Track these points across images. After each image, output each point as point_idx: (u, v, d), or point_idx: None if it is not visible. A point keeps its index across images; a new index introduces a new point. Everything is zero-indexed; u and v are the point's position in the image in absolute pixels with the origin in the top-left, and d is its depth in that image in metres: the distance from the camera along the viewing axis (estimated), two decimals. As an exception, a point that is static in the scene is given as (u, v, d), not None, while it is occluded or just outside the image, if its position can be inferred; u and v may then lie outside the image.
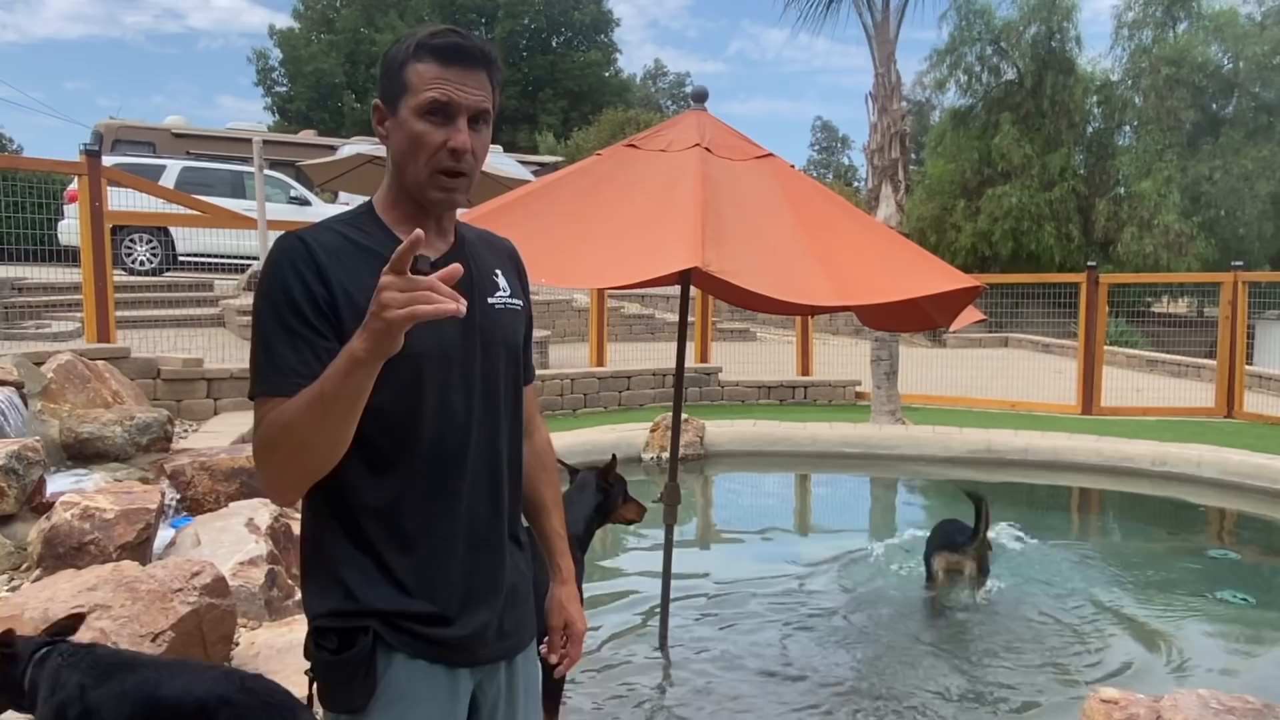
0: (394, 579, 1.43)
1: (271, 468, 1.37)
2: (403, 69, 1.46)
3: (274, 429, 1.33)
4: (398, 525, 1.44)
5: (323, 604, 1.44)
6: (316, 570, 1.47)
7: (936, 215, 23.77)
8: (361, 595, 1.42)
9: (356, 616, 1.42)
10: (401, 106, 1.46)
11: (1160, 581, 5.03)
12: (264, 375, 1.38)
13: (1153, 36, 22.66)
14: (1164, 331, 15.81)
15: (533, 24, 43.54)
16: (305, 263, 1.40)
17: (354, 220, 1.50)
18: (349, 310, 1.39)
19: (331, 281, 1.40)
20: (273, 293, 1.40)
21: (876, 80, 8.96)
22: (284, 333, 1.38)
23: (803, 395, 10.89)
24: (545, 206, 3.31)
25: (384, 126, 1.50)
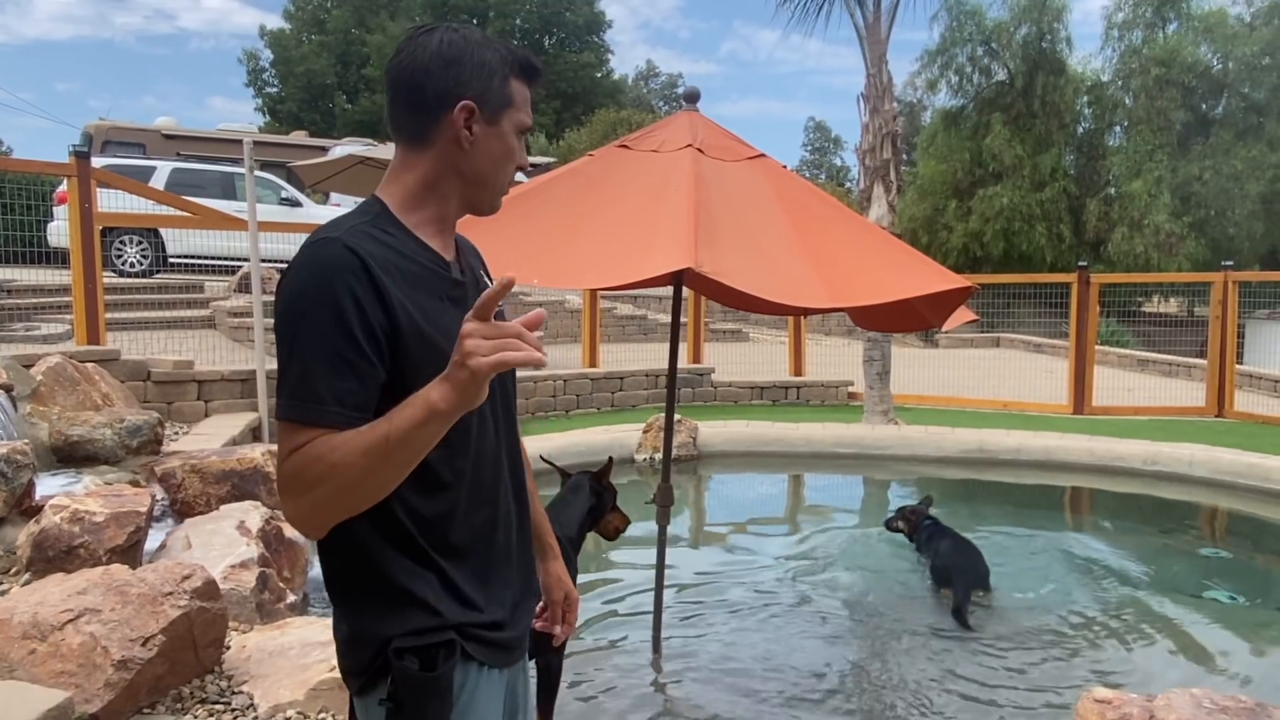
0: (458, 591, 1.41)
1: (307, 504, 1.26)
2: (506, 82, 1.44)
3: (319, 466, 1.22)
4: (449, 538, 1.40)
5: (399, 624, 1.36)
6: (376, 590, 1.37)
7: (928, 216, 23.84)
8: (443, 609, 1.38)
9: (438, 631, 1.38)
10: (504, 119, 1.43)
11: (1153, 581, 5.04)
12: (302, 403, 1.26)
13: (1143, 37, 22.77)
14: (1155, 331, 15.87)
15: (525, 24, 43.52)
16: (360, 280, 1.28)
17: (377, 223, 1.38)
18: (413, 335, 1.32)
19: (393, 303, 1.30)
20: (319, 311, 1.27)
21: (868, 81, 8.97)
22: (331, 358, 1.26)
23: (795, 396, 10.89)
24: (537, 207, 3.30)
25: (472, 130, 1.41)
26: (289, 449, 1.25)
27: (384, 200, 1.43)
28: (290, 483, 1.25)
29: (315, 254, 1.30)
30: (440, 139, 1.41)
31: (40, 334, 8.31)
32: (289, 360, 1.28)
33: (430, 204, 1.43)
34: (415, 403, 1.20)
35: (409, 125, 1.42)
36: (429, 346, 1.32)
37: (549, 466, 3.39)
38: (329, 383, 1.25)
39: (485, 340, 1.16)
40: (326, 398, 1.25)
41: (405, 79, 1.41)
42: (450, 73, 1.39)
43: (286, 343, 1.29)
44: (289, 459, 1.25)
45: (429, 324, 1.34)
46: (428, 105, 1.40)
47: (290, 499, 1.27)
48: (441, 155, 1.42)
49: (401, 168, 1.44)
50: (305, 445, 1.24)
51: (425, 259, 1.40)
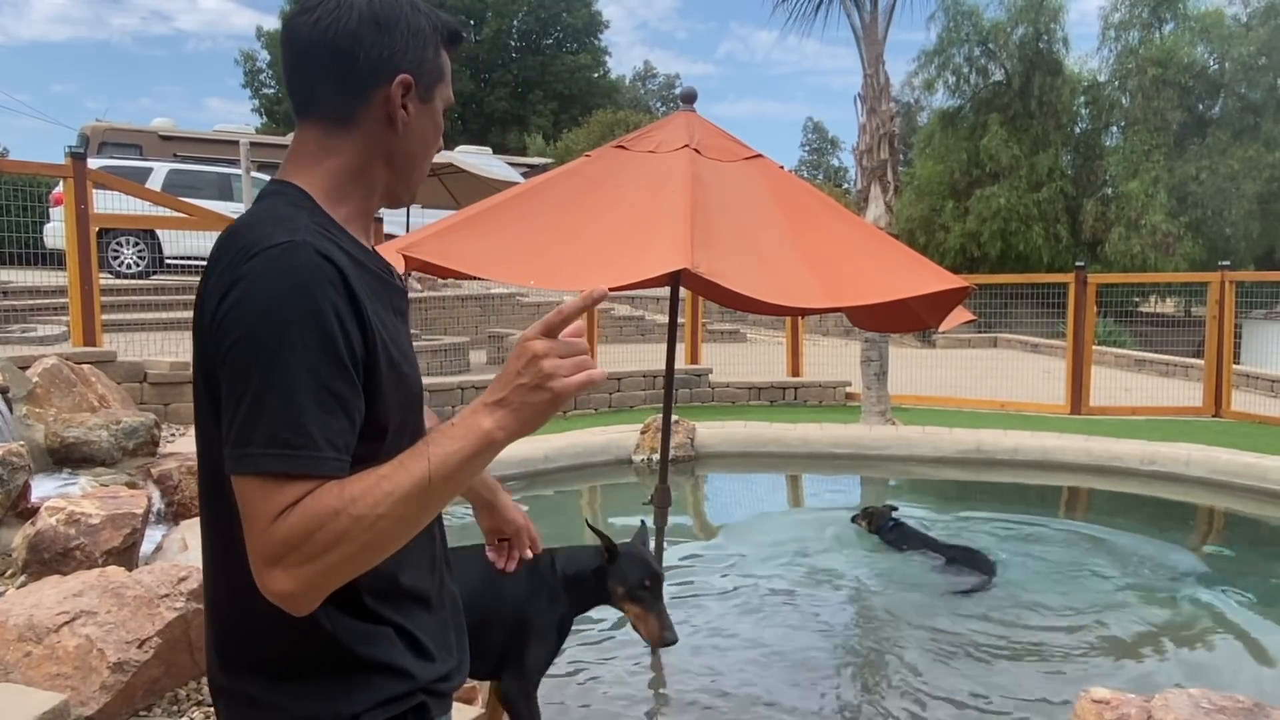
0: (418, 644, 1.22)
1: (315, 572, 1.01)
2: (438, 52, 1.24)
3: (337, 523, 1.00)
4: (400, 585, 1.21)
5: (364, 697, 1.16)
6: (332, 663, 1.15)
7: (925, 216, 23.87)
8: (412, 669, 1.20)
9: (408, 697, 1.19)
10: (437, 95, 1.25)
11: (1149, 580, 5.04)
12: (291, 450, 1.01)
13: (1139, 37, 22.82)
14: (1152, 331, 15.90)
15: (523, 25, 43.51)
16: (341, 295, 1.07)
17: (316, 220, 1.15)
18: (385, 359, 1.12)
19: (369, 323, 1.10)
20: (304, 332, 1.03)
21: (865, 81, 8.98)
22: (320, 390, 1.03)
23: (793, 396, 10.90)
24: (533, 208, 3.30)
25: (407, 108, 1.20)
26: (277, 508, 1.00)
27: (307, 190, 1.19)
28: (291, 550, 1.00)
29: (287, 261, 1.05)
30: (368, 118, 1.19)
31: (37, 335, 8.30)
32: (263, 393, 1.02)
33: (356, 196, 1.22)
34: (458, 434, 1.05)
35: (330, 101, 1.19)
36: (394, 371, 1.15)
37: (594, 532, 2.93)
38: (321, 422, 1.03)
39: (563, 359, 1.04)
40: (319, 441, 1.02)
41: (328, 45, 1.16)
42: (385, 41, 1.17)
43: (258, 371, 1.02)
44: (282, 521, 1.00)
45: (394, 345, 1.16)
46: (357, 79, 1.18)
47: (288, 570, 1.00)
48: (368, 137, 1.20)
49: (319, 152, 1.20)
50: (301, 501, 1.01)
51: (374, 265, 1.21)
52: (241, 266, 1.06)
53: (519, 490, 6.68)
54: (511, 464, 6.91)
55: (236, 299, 1.04)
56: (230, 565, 1.12)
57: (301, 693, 1.15)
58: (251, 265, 1.05)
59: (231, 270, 1.06)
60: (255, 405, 1.02)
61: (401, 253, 3.16)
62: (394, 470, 1.03)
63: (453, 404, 8.95)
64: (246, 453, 1.02)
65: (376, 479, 1.03)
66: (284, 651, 1.15)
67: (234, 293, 1.05)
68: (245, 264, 1.05)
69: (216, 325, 1.06)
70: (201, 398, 1.14)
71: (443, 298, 14.53)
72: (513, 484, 6.75)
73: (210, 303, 1.08)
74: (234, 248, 1.09)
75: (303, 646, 1.14)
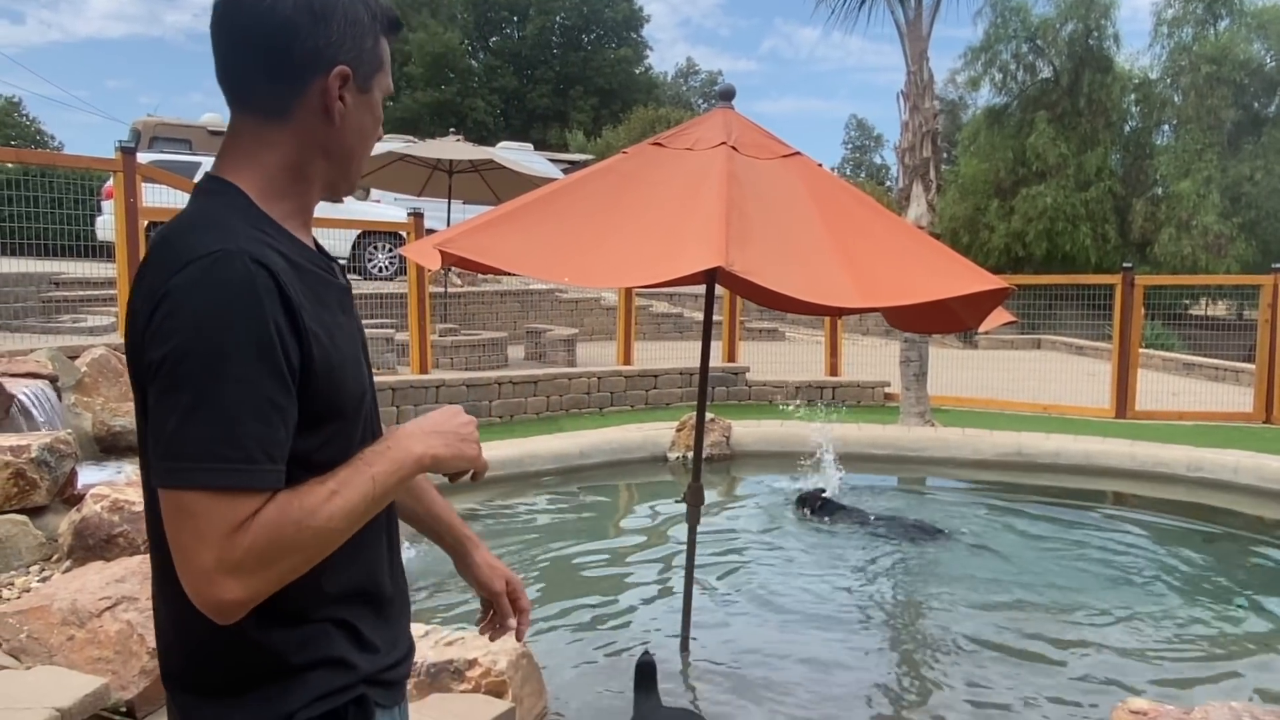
0: (360, 636, 1.22)
1: (267, 580, 1.04)
2: (378, 41, 1.21)
3: (295, 535, 1.04)
4: (347, 576, 1.20)
5: (302, 693, 1.15)
6: (269, 663, 1.15)
7: (969, 215, 23.56)
8: (353, 660, 1.20)
9: (348, 690, 1.19)
10: (375, 84, 1.22)
11: (1194, 589, 4.93)
12: (232, 465, 1.01)
13: (1193, 34, 22.30)
14: (1202, 334, 15.56)
15: (565, 20, 43.64)
16: (276, 301, 1.06)
17: (251, 221, 1.13)
18: (323, 364, 1.11)
19: (305, 331, 1.09)
20: (240, 344, 1.02)
21: (908, 78, 8.88)
22: (258, 403, 1.03)
23: (831, 396, 10.82)
24: (569, 205, 3.30)
25: (344, 100, 1.17)
26: (232, 521, 1.01)
27: (242, 188, 1.15)
28: (254, 560, 1.02)
29: (221, 272, 1.03)
30: (304, 110, 1.16)
31: (86, 326, 8.47)
32: (197, 406, 1.01)
33: (295, 192, 1.20)
34: (395, 457, 1.13)
35: (264, 93, 1.15)
36: (332, 373, 1.13)
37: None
38: (258, 435, 1.03)
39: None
40: (256, 454, 1.02)
41: (261, 34, 1.12)
42: (321, 30, 1.13)
43: (192, 384, 1.01)
44: (243, 533, 1.01)
45: (335, 349, 1.14)
46: (292, 70, 1.14)
47: (244, 578, 1.02)
48: (305, 130, 1.17)
49: (254, 145, 1.17)
50: (261, 513, 1.03)
51: (314, 264, 1.19)
52: (173, 278, 1.04)
53: (553, 486, 6.71)
54: (547, 459, 6.94)
55: (168, 311, 1.03)
56: (167, 587, 1.13)
57: (239, 704, 1.15)
58: (183, 276, 1.03)
59: (163, 281, 1.04)
60: (188, 419, 1.01)
61: (438, 248, 3.18)
62: (341, 486, 1.09)
63: (490, 399, 9.00)
64: (178, 466, 1.02)
65: (328, 493, 1.07)
66: (223, 668, 1.14)
67: (165, 304, 1.03)
68: (176, 275, 1.04)
69: (148, 339, 1.05)
70: (141, 418, 1.13)
71: (482, 293, 14.62)
72: (548, 480, 6.78)
73: (142, 315, 1.06)
74: (165, 257, 1.07)
75: (240, 661, 1.14)
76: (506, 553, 5.17)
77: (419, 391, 8.57)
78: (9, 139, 31.58)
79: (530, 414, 9.23)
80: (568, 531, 5.69)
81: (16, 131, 34.15)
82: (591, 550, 5.35)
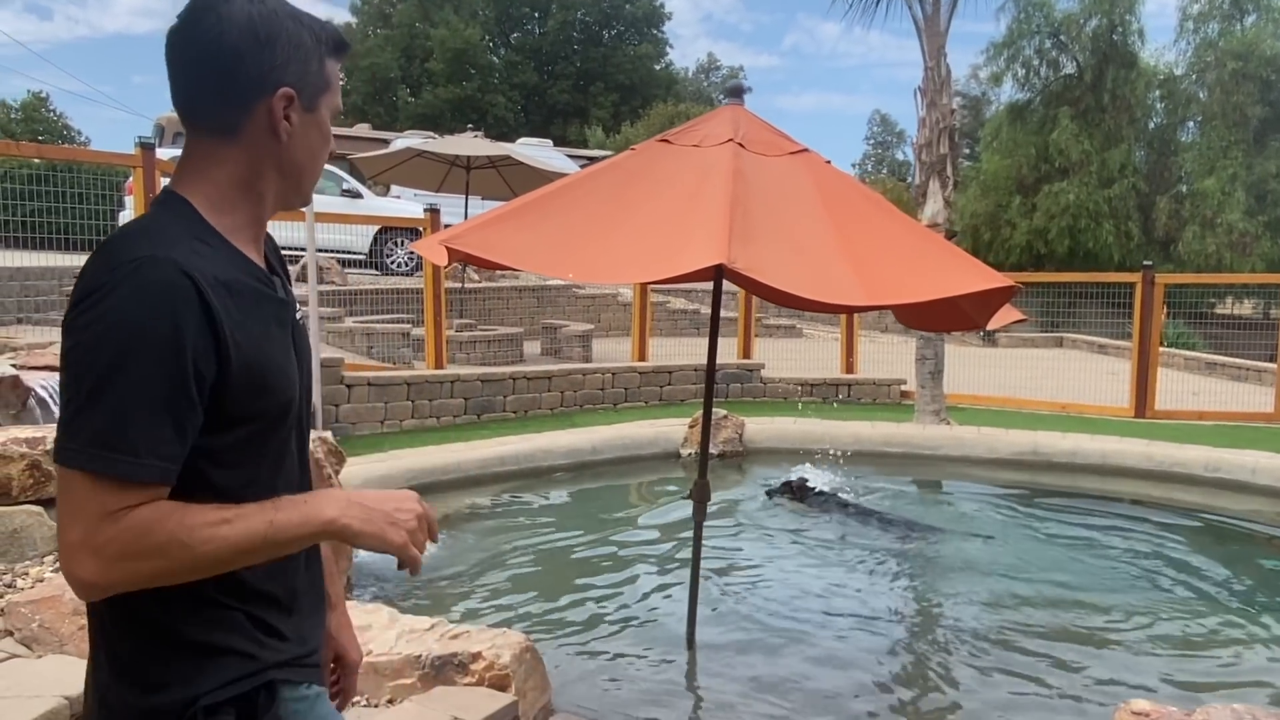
0: (269, 627, 1.27)
1: (128, 574, 1.09)
2: (322, 63, 1.27)
3: (170, 545, 1.09)
4: (260, 572, 1.24)
5: (209, 679, 1.20)
6: (175, 649, 1.19)
7: (991, 212, 23.41)
8: (257, 652, 1.24)
9: (256, 675, 1.24)
10: (322, 104, 1.28)
11: (1203, 590, 4.89)
12: (113, 453, 1.07)
13: (1219, 29, 22.05)
14: (1226, 334, 15.38)
15: (586, 16, 43.67)
16: (194, 312, 1.12)
17: (194, 232, 1.19)
18: (241, 373, 1.17)
19: (224, 339, 1.15)
20: (146, 347, 1.08)
21: (926, 74, 8.82)
22: (153, 403, 1.09)
23: (847, 393, 10.78)
24: (574, 201, 3.31)
25: (290, 120, 1.24)
26: (108, 507, 1.07)
27: (190, 201, 1.22)
28: (116, 547, 1.07)
29: (144, 276, 1.10)
30: (252, 129, 1.23)
31: (108, 320, 8.57)
32: (95, 396, 1.08)
33: (244, 206, 1.26)
34: (306, 512, 1.16)
35: (213, 113, 1.22)
36: (256, 381, 1.19)
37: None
38: (146, 432, 1.09)
39: (420, 536, 1.21)
40: (140, 449, 1.09)
41: (209, 58, 1.20)
42: (266, 55, 1.21)
43: (93, 375, 1.08)
44: (112, 522, 1.07)
45: (257, 357, 1.20)
46: (239, 92, 1.21)
47: (103, 563, 1.07)
48: (254, 148, 1.24)
49: (205, 161, 1.24)
50: (142, 508, 1.09)
51: (252, 277, 1.24)
52: (102, 277, 1.11)
53: (564, 482, 6.73)
54: (559, 454, 6.97)
55: (88, 305, 1.10)
56: None
57: (140, 680, 1.19)
58: (110, 277, 1.11)
59: (93, 279, 1.12)
60: (86, 406, 1.09)
61: (444, 244, 3.20)
62: (237, 518, 1.12)
63: (504, 394, 9.04)
64: (68, 447, 1.09)
65: (220, 519, 1.12)
66: (131, 645, 1.19)
67: (87, 300, 1.11)
68: (105, 275, 1.11)
69: (66, 328, 1.12)
70: None
71: (499, 289, 14.68)
72: (560, 475, 6.81)
73: (69, 308, 1.13)
74: (97, 261, 1.14)
75: (151, 636, 1.19)
76: (514, 547, 5.20)
77: (434, 386, 8.61)
78: (36, 134, 31.96)
79: (544, 409, 9.26)
80: (576, 526, 5.71)
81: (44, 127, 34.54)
82: (599, 545, 5.37)
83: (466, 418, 8.72)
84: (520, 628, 3.55)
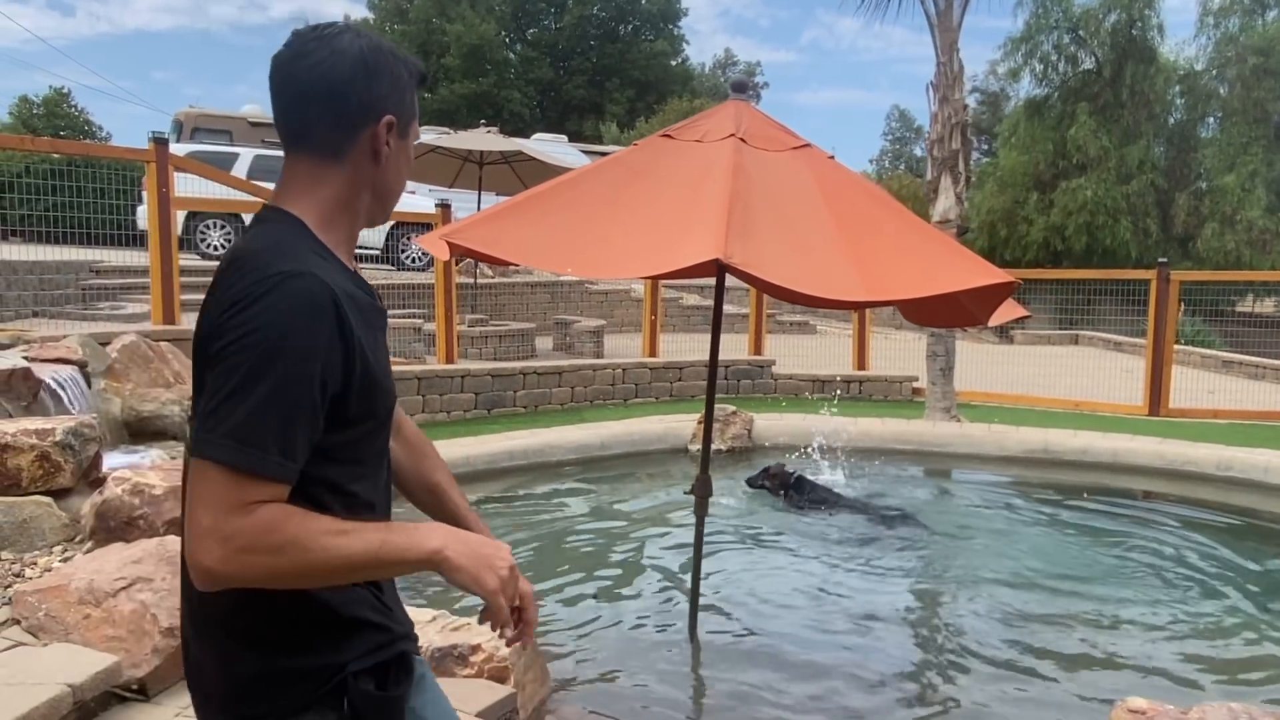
0: (387, 608, 1.40)
1: (245, 568, 1.17)
2: (414, 95, 1.40)
3: (291, 547, 1.17)
4: None
5: (350, 650, 1.31)
6: (318, 623, 1.30)
7: (1008, 208, 23.27)
8: (390, 624, 1.38)
9: (390, 646, 1.36)
10: (410, 131, 1.40)
11: (1206, 590, 4.85)
12: (246, 446, 1.16)
13: (1240, 25, 21.83)
14: (1245, 332, 15.23)
15: (601, 12, 43.62)
16: (333, 325, 1.22)
17: (312, 248, 1.30)
18: (363, 379, 1.28)
19: (354, 349, 1.26)
20: (292, 354, 1.18)
21: (938, 69, 8.77)
22: (290, 407, 1.18)
23: (859, 390, 10.76)
24: (576, 197, 3.32)
25: (389, 144, 1.35)
26: (241, 500, 1.15)
27: (302, 218, 1.32)
28: (242, 541, 1.15)
29: (293, 288, 1.20)
30: (356, 153, 1.34)
31: (125, 313, 8.66)
32: (236, 395, 1.16)
33: (344, 223, 1.37)
34: (415, 539, 1.25)
35: (324, 137, 1.33)
36: (372, 385, 1.30)
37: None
38: (279, 432, 1.17)
39: (513, 582, 1.32)
40: (272, 446, 1.17)
41: (323, 87, 1.30)
42: (374, 85, 1.32)
43: (237, 376, 1.16)
44: (246, 513, 1.15)
45: (376, 366, 1.31)
46: (350, 119, 1.32)
47: (228, 553, 1.15)
48: (356, 170, 1.35)
49: (311, 182, 1.34)
50: (268, 506, 1.17)
51: (360, 289, 1.35)
52: (250, 288, 1.19)
53: (574, 476, 6.75)
54: (568, 449, 6.99)
55: (237, 312, 1.19)
56: None
57: (286, 656, 1.29)
58: (257, 287, 1.19)
59: (239, 291, 1.20)
60: (226, 401, 1.17)
61: (445, 239, 3.22)
62: (354, 531, 1.21)
63: (514, 389, 9.07)
64: (208, 439, 1.17)
65: (338, 529, 1.20)
66: (275, 617, 1.28)
67: (237, 307, 1.19)
68: (252, 286, 1.20)
69: (215, 332, 1.20)
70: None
71: (512, 284, 14.72)
72: (568, 470, 6.83)
73: (213, 316, 1.22)
74: (243, 272, 1.22)
75: (296, 612, 1.28)
76: (519, 540, 5.22)
77: (444, 380, 8.65)
78: (58, 130, 32.23)
79: (555, 404, 9.29)
80: (581, 520, 5.73)
81: (66, 122, 34.81)
82: (602, 539, 5.39)
83: (476, 412, 8.76)
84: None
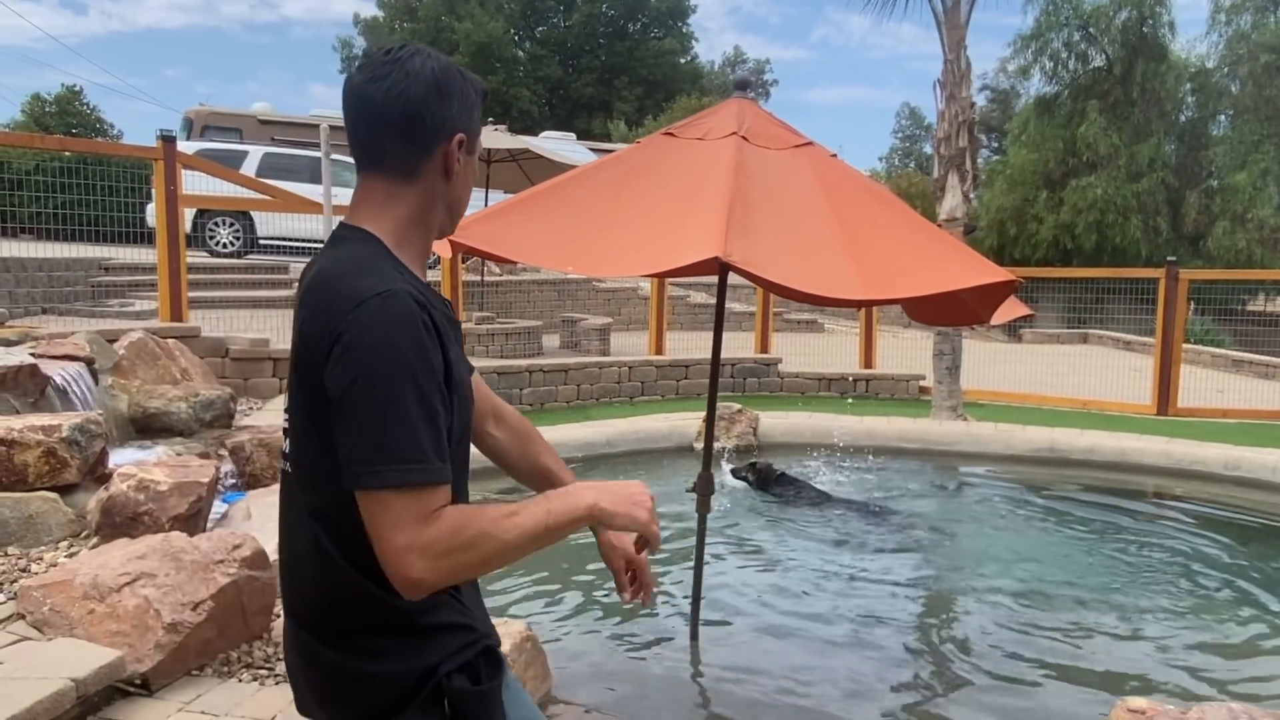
0: (468, 611, 1.45)
1: (449, 568, 1.26)
2: (479, 111, 1.45)
3: (482, 538, 1.26)
4: None
5: (440, 649, 1.37)
6: (409, 626, 1.36)
7: (1017, 206, 23.18)
8: (475, 624, 1.43)
9: (475, 644, 1.41)
10: (476, 146, 1.45)
11: (1209, 590, 4.82)
12: (416, 464, 1.23)
13: (1252, 21, 21.69)
14: (1256, 331, 15.15)
15: (610, 10, 43.61)
16: (431, 332, 1.30)
17: (394, 265, 1.35)
18: (457, 383, 1.36)
19: (450, 359, 1.34)
20: (410, 368, 1.25)
21: (945, 67, 8.74)
22: (429, 415, 1.26)
23: (865, 389, 10.74)
24: (577, 194, 3.33)
25: (460, 160, 1.41)
26: (424, 511, 1.23)
27: (379, 236, 1.38)
28: (441, 546, 1.23)
29: (390, 308, 1.26)
30: (430, 170, 1.39)
31: (133, 310, 8.71)
32: (381, 422, 1.23)
33: (417, 239, 1.42)
34: (572, 501, 1.35)
35: (399, 157, 1.38)
36: (463, 394, 1.39)
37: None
38: (430, 438, 1.25)
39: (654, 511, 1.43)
40: (431, 454, 1.25)
41: (399, 109, 1.35)
42: (447, 105, 1.38)
43: (376, 403, 1.23)
44: (431, 523, 1.23)
45: (461, 373, 1.39)
46: (425, 138, 1.37)
47: (430, 561, 1.23)
48: (429, 187, 1.40)
49: (387, 200, 1.39)
50: (448, 510, 1.25)
51: (441, 303, 1.40)
52: (350, 314, 1.25)
53: (579, 474, 6.74)
54: (573, 446, 6.99)
55: (348, 343, 1.24)
56: (316, 554, 1.36)
57: (373, 657, 1.35)
58: (359, 312, 1.25)
59: (340, 317, 1.25)
60: (376, 430, 1.23)
61: (449, 237, 3.22)
62: (522, 510, 1.30)
63: (520, 386, 9.08)
64: (371, 470, 1.23)
65: (509, 512, 1.29)
66: (361, 624, 1.35)
67: (346, 338, 1.24)
68: (353, 312, 1.25)
69: (331, 366, 1.26)
70: (309, 426, 1.34)
71: (520, 282, 14.74)
72: (574, 466, 6.82)
73: (321, 345, 1.27)
74: (338, 296, 1.28)
75: (379, 621, 1.35)
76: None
77: (451, 378, 8.67)
78: (70, 127, 32.36)
79: (561, 402, 9.30)
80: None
81: (77, 120, 34.96)
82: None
83: (483, 410, 8.76)
84: (521, 617, 3.58)
